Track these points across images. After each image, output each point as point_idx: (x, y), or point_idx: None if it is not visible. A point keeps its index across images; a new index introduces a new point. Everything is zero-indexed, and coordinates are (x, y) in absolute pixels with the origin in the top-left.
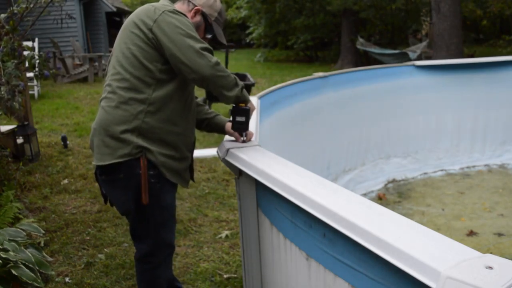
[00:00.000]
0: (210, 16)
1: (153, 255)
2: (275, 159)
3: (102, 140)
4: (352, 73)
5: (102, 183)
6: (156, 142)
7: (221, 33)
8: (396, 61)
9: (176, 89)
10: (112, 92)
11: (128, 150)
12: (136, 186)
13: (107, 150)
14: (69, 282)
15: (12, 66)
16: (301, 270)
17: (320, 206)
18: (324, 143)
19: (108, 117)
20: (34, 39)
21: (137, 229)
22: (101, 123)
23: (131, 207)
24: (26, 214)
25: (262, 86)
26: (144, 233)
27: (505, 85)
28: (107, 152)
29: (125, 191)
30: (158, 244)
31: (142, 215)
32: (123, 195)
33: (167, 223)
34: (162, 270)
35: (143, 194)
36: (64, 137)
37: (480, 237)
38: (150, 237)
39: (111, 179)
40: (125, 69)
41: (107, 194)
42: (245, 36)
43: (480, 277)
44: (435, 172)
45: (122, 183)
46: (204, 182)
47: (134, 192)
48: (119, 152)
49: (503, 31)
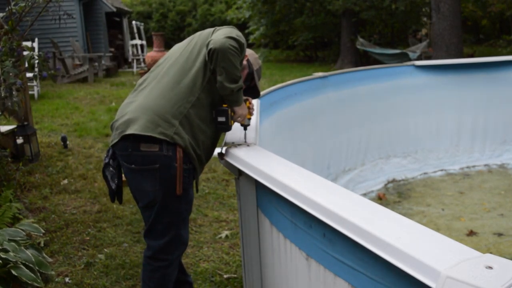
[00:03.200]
0: (254, 66)
1: (167, 253)
2: (275, 159)
3: (149, 116)
4: (352, 73)
5: (129, 172)
6: (191, 135)
7: (258, 83)
8: (396, 61)
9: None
10: (166, 77)
11: (170, 132)
12: (168, 178)
13: (150, 125)
14: (69, 282)
15: (10, 64)
16: (301, 270)
17: (320, 206)
18: (324, 143)
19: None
20: (34, 39)
21: (157, 223)
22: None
23: (158, 198)
24: (26, 214)
25: (262, 86)
26: (163, 228)
27: (505, 85)
28: (149, 126)
29: (155, 181)
30: (174, 241)
31: (167, 208)
32: (153, 186)
33: (187, 219)
34: (173, 269)
35: (178, 185)
36: (64, 137)
37: (480, 237)
38: (168, 233)
39: (143, 169)
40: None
41: (132, 184)
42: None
43: (480, 277)
44: (435, 172)
45: (155, 173)
46: (204, 182)
47: (166, 183)
48: (160, 129)
49: (503, 31)
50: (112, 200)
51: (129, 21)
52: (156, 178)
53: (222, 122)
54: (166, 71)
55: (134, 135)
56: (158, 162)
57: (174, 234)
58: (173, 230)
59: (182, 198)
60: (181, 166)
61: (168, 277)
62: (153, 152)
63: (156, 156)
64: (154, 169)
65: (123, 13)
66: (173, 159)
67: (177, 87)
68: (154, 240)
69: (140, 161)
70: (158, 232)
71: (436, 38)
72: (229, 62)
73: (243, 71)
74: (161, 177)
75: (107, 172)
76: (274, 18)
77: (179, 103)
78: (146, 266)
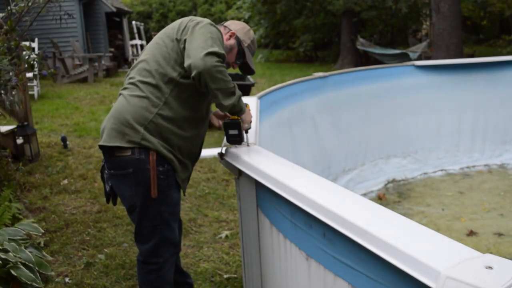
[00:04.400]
0: (243, 42)
1: (157, 255)
2: (275, 159)
3: (115, 124)
4: (352, 73)
5: (110, 177)
6: (161, 139)
7: (251, 60)
8: (396, 61)
9: (192, 97)
10: (134, 84)
11: (136, 139)
12: (144, 181)
13: (116, 134)
14: (69, 282)
15: (6, 62)
16: (301, 270)
17: (320, 206)
18: (324, 143)
19: (125, 103)
20: (34, 39)
21: (141, 227)
22: (117, 108)
23: (138, 202)
24: (26, 214)
25: (262, 86)
26: (148, 231)
27: (505, 85)
28: (115, 136)
29: (132, 186)
30: (161, 243)
31: (147, 211)
32: (130, 190)
33: (171, 222)
34: (166, 271)
35: (152, 188)
36: (64, 137)
37: (480, 237)
38: (154, 235)
39: (119, 174)
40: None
41: (115, 189)
42: None
43: (480, 277)
44: (435, 172)
45: (131, 177)
46: (204, 182)
47: (142, 187)
48: (127, 138)
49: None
50: (107, 201)
51: (129, 21)
52: (132, 182)
53: (234, 135)
54: (134, 74)
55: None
56: (131, 166)
57: (159, 237)
58: (157, 233)
59: (161, 200)
60: (155, 168)
61: (162, 279)
62: (126, 156)
63: (129, 160)
64: (128, 173)
65: (123, 13)
66: (146, 162)
67: (142, 92)
68: (142, 244)
69: (116, 166)
70: (145, 236)
71: (436, 38)
72: (219, 81)
73: (231, 51)
74: (136, 180)
75: (104, 174)
76: (274, 19)
77: (143, 109)
78: (139, 270)
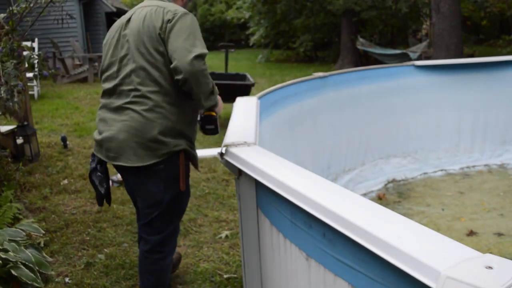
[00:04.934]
0: None
1: (165, 244)
2: (275, 159)
3: (138, 143)
4: (352, 73)
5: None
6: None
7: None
8: (396, 61)
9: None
10: (143, 96)
11: (168, 150)
12: (175, 177)
13: (146, 152)
14: (69, 282)
15: (11, 66)
16: (301, 270)
17: (320, 206)
18: (324, 143)
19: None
20: (34, 40)
21: (157, 221)
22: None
23: (167, 197)
24: (26, 214)
25: (262, 86)
26: (164, 224)
27: (505, 85)
28: (146, 154)
29: (160, 182)
30: (172, 233)
31: (173, 204)
32: (159, 186)
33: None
34: (169, 260)
35: (181, 182)
36: (64, 137)
37: (480, 237)
38: (169, 226)
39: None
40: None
41: (133, 185)
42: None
43: (480, 277)
44: (435, 172)
45: (161, 174)
46: (204, 182)
47: (172, 182)
48: (159, 152)
49: (503, 31)
50: (100, 203)
51: None
52: (161, 178)
53: (211, 129)
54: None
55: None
56: (162, 163)
57: (173, 228)
58: (172, 224)
59: (185, 193)
60: (183, 164)
61: (167, 268)
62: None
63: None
64: (159, 169)
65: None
66: (177, 159)
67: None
68: (152, 235)
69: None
70: (159, 227)
71: (436, 38)
72: (203, 85)
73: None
74: (165, 177)
75: (94, 177)
76: (274, 19)
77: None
78: (144, 261)
